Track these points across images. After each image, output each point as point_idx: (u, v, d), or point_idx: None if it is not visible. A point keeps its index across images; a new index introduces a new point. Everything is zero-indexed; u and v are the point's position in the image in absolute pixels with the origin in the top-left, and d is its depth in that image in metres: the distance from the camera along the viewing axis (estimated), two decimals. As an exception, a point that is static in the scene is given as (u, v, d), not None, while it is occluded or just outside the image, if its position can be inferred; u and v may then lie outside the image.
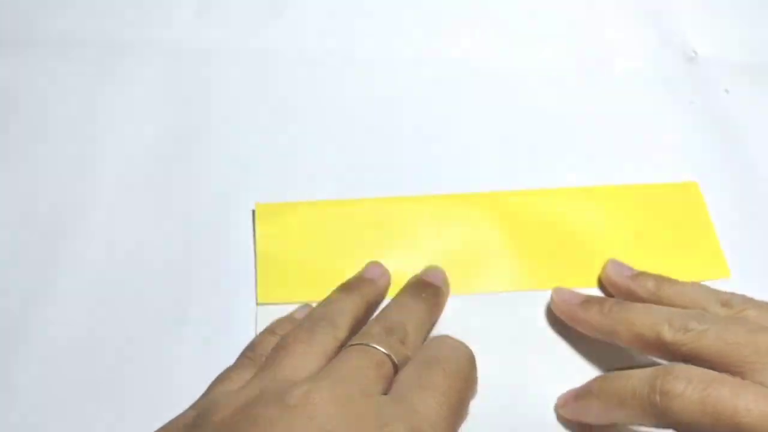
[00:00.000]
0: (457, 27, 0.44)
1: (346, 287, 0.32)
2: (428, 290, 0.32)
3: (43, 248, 0.34)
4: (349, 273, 0.33)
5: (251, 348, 0.30)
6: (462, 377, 0.27)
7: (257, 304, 0.33)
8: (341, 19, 0.44)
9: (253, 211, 0.35)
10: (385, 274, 0.33)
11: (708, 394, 0.24)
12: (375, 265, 0.33)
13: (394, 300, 0.31)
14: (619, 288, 0.32)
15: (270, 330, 0.31)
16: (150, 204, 0.36)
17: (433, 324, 0.32)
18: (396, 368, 0.27)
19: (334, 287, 0.32)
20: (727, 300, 0.29)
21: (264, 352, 0.28)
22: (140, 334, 0.32)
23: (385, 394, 0.25)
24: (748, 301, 0.29)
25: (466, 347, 0.28)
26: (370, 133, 0.39)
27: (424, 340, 0.30)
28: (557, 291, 0.32)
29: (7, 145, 0.37)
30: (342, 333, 0.29)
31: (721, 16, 0.46)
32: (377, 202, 0.35)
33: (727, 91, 0.42)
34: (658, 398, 0.25)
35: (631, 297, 0.31)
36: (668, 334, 0.27)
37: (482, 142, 0.39)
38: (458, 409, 0.26)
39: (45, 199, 0.35)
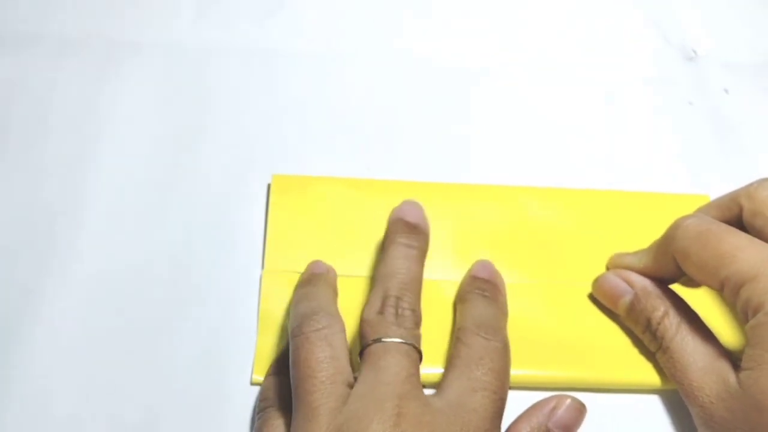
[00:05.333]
0: (457, 27, 0.44)
1: (308, 281, 0.32)
2: (418, 237, 0.32)
3: (44, 247, 0.34)
4: (356, 250, 0.34)
5: (265, 401, 0.29)
6: (505, 372, 0.28)
7: (263, 271, 0.33)
8: (340, 19, 0.44)
9: (269, 185, 0.36)
10: (330, 269, 0.33)
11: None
12: (316, 262, 0.33)
13: (389, 260, 0.31)
14: None
15: (272, 371, 0.30)
16: (149, 203, 0.36)
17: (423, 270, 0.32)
18: (421, 356, 0.28)
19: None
20: None
21: (276, 397, 0.29)
22: (144, 324, 0.32)
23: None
24: None
25: (503, 335, 0.29)
26: (370, 131, 0.39)
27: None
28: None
29: (7, 144, 0.37)
30: (342, 322, 0.29)
31: (721, 16, 0.46)
32: (390, 184, 0.36)
33: (727, 91, 0.42)
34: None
35: None
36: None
37: (482, 138, 0.39)
38: (505, 401, 0.28)
39: (46, 198, 0.35)
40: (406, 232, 0.32)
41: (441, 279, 0.33)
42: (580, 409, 0.29)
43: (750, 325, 0.27)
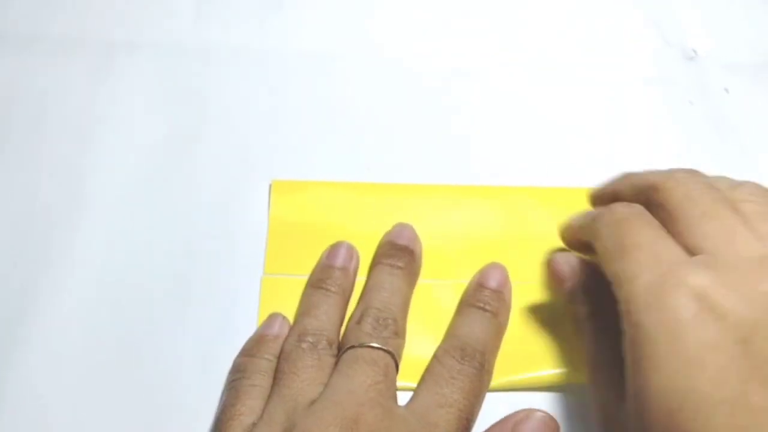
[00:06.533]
0: (456, 27, 0.44)
1: (324, 284, 0.32)
2: (403, 257, 0.32)
3: (43, 247, 0.34)
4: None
5: (241, 374, 0.29)
6: (476, 393, 0.28)
7: (264, 274, 0.33)
8: (340, 19, 0.44)
9: (269, 187, 0.36)
10: (354, 257, 0.33)
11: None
12: (340, 247, 0.33)
13: (372, 278, 0.32)
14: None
15: (247, 352, 0.30)
16: (150, 203, 0.36)
17: (412, 289, 0.32)
18: (396, 363, 0.29)
19: None
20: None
21: (254, 376, 0.29)
22: (143, 327, 0.32)
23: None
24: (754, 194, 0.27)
25: (480, 359, 0.29)
26: (370, 131, 0.39)
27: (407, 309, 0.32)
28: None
29: (6, 144, 0.37)
30: (337, 343, 0.30)
31: (721, 16, 0.46)
32: (390, 187, 0.36)
33: (727, 91, 0.42)
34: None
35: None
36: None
37: (482, 139, 0.39)
38: (472, 421, 0.28)
39: (44, 199, 0.35)
40: (392, 254, 0.32)
41: (440, 281, 0.33)
42: (549, 425, 0.27)
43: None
